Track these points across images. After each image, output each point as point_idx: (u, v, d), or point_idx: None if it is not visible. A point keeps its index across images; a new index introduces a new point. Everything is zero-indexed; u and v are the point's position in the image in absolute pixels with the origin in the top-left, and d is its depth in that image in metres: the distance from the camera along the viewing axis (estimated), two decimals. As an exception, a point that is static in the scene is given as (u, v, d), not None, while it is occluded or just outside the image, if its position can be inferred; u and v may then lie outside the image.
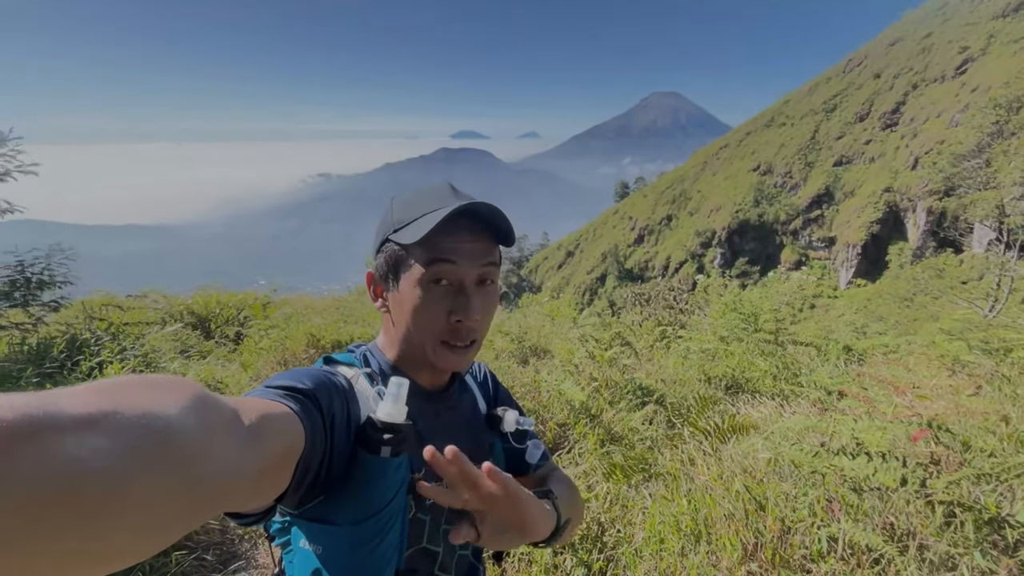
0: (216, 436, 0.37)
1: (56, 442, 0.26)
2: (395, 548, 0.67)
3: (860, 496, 1.70)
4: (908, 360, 4.27)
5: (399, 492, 0.67)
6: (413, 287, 0.72)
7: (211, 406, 0.38)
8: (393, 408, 0.64)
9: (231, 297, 7.61)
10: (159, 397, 0.34)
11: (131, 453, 0.29)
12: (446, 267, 0.72)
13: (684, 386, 4.23)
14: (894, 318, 16.65)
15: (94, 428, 0.28)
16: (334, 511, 0.64)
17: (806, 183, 48.69)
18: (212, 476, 0.35)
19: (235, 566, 2.42)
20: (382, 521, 0.65)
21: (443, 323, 0.73)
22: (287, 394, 0.57)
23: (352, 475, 0.64)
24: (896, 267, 35.41)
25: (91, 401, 0.30)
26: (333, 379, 0.67)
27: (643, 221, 59.60)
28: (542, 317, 8.20)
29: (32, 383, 3.09)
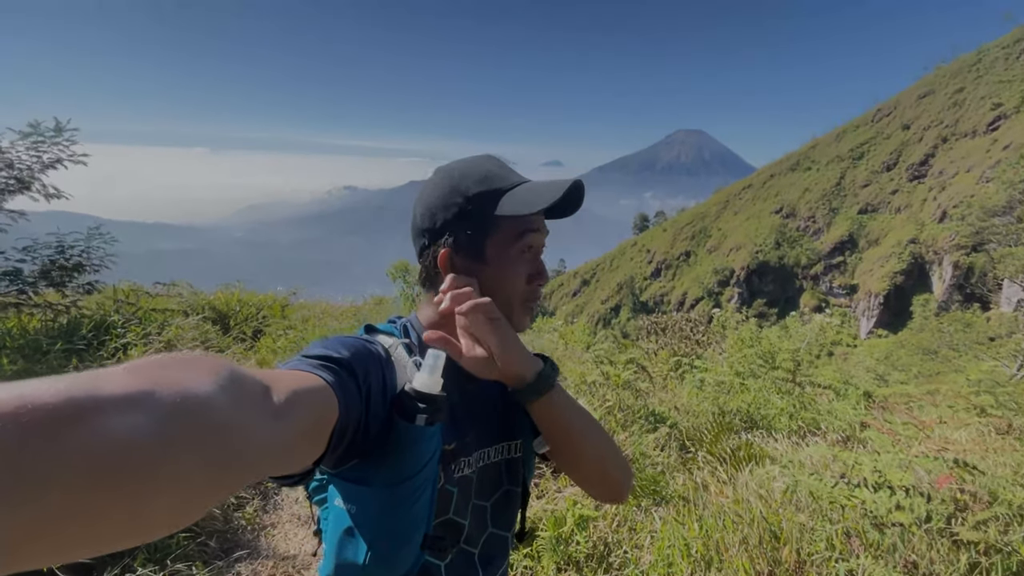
0: (248, 412, 0.39)
1: (99, 423, 0.28)
2: (424, 514, 0.68)
3: (881, 532, 1.65)
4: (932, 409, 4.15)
5: (431, 460, 0.68)
6: (505, 259, 0.76)
7: (243, 383, 0.40)
8: (429, 379, 0.66)
9: (251, 297, 7.74)
10: (193, 375, 0.35)
11: (169, 430, 0.31)
12: (535, 236, 0.77)
13: (698, 416, 4.16)
14: (916, 369, 16.14)
15: (134, 407, 0.30)
16: (369, 473, 0.66)
17: (829, 229, 48.18)
18: (246, 450, 0.37)
19: (237, 555, 2.41)
20: (414, 486, 0.66)
21: (524, 286, 0.78)
22: (322, 364, 0.59)
23: (388, 441, 0.66)
24: (920, 319, 34.53)
25: (129, 382, 0.31)
26: (371, 347, 0.69)
27: (661, 255, 59.38)
28: (555, 340, 8.17)
29: (60, 357, 3.17)
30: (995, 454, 1.75)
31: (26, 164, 4.02)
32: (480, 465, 0.81)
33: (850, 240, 45.76)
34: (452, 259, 0.77)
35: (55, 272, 3.99)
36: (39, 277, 3.99)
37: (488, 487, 0.82)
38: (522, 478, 0.91)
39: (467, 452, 0.78)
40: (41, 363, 3.04)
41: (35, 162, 4.04)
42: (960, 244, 33.91)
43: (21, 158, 4.02)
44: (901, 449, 1.76)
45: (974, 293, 31.72)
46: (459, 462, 0.77)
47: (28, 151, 4.03)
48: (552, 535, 2.29)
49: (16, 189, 4.04)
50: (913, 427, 1.90)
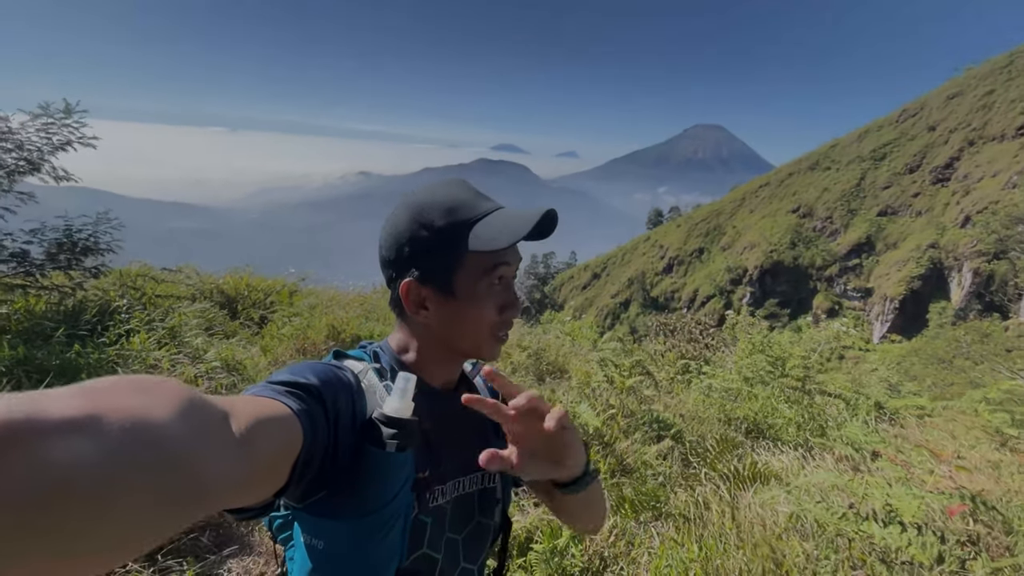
0: (205, 440, 0.37)
1: (39, 447, 0.26)
2: (397, 545, 0.66)
3: (890, 569, 1.58)
4: (947, 426, 4.03)
5: (403, 488, 0.66)
6: (473, 294, 0.74)
7: (200, 410, 0.38)
8: (400, 403, 0.64)
9: (260, 282, 7.76)
10: (147, 401, 0.33)
11: (116, 457, 0.29)
12: (505, 268, 0.75)
13: (703, 424, 4.08)
14: (930, 379, 15.84)
15: (79, 432, 0.28)
16: (338, 505, 0.64)
17: (846, 230, 47.34)
18: (201, 480, 0.35)
19: (229, 550, 2.40)
20: (385, 516, 0.64)
21: (496, 318, 0.76)
22: (287, 391, 0.57)
23: (357, 469, 0.64)
24: (936, 326, 33.90)
25: (76, 404, 0.29)
26: (339, 374, 0.67)
27: (674, 251, 58.84)
28: (562, 336, 8.10)
29: (63, 342, 3.17)
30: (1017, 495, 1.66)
31: (36, 146, 4.01)
32: (455, 495, 0.78)
33: (867, 242, 44.94)
34: (418, 291, 0.75)
35: (62, 255, 3.99)
36: (46, 259, 3.99)
37: (461, 519, 0.79)
38: (500, 509, 0.88)
39: (442, 480, 0.76)
40: (43, 348, 3.04)
41: (45, 144, 4.03)
42: (982, 251, 33.17)
43: (31, 139, 4.01)
44: (914, 484, 1.67)
45: (994, 302, 31.05)
46: (433, 491, 0.74)
47: (38, 132, 4.02)
48: (547, 547, 2.24)
49: (26, 170, 4.04)
50: (928, 457, 1.82)
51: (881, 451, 1.95)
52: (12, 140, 3.99)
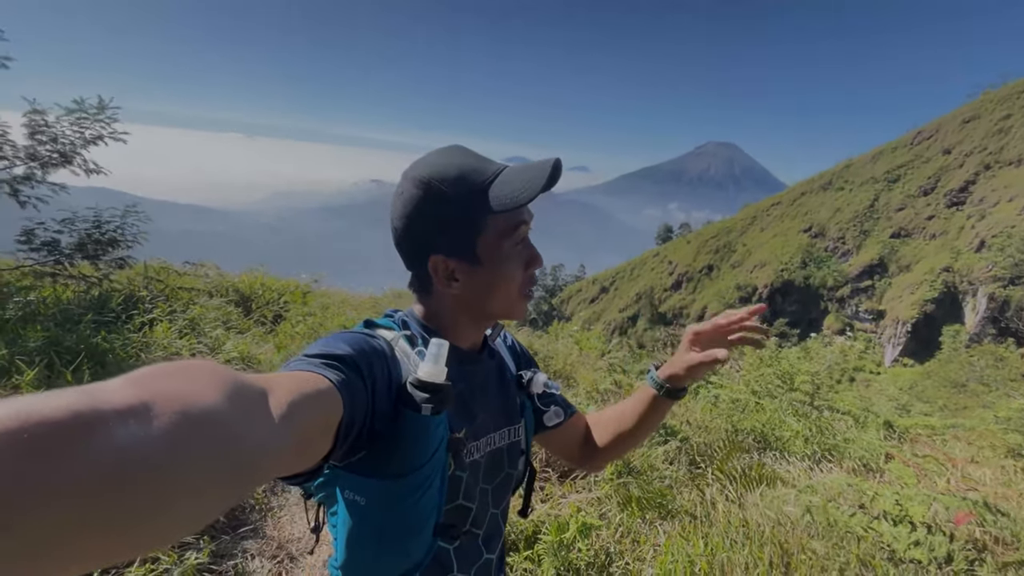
0: (252, 417, 0.39)
1: (103, 433, 0.28)
2: (435, 503, 0.69)
3: (899, 568, 1.59)
4: (957, 444, 4.00)
5: (439, 449, 0.68)
6: (499, 257, 0.75)
7: (245, 389, 0.39)
8: (434, 368, 0.66)
9: (274, 282, 7.89)
10: (194, 384, 0.35)
11: (174, 439, 0.30)
12: (524, 227, 0.77)
13: (710, 433, 4.09)
14: (941, 401, 15.56)
15: (135, 418, 0.29)
16: (378, 465, 0.67)
17: (859, 251, 46.92)
18: (253, 455, 0.37)
19: (243, 531, 2.46)
20: (422, 476, 0.67)
21: (523, 275, 0.78)
22: (325, 363, 0.59)
23: (395, 433, 0.66)
24: (949, 350, 33.33)
25: (130, 393, 0.31)
26: (373, 342, 0.69)
27: (683, 267, 58.61)
28: (570, 345, 8.12)
29: (89, 328, 3.28)
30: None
31: (69, 139, 4.16)
32: (488, 449, 0.83)
33: (880, 264, 44.48)
34: (447, 265, 0.76)
35: (91, 245, 4.12)
36: (75, 249, 4.13)
37: (493, 471, 0.84)
38: (524, 460, 0.94)
39: (476, 437, 0.79)
40: (72, 332, 3.15)
41: (78, 137, 4.19)
42: (997, 275, 32.68)
43: (65, 133, 4.17)
44: (925, 485, 1.69)
45: (1009, 327, 30.52)
46: (469, 448, 0.77)
47: (72, 127, 4.17)
48: (554, 540, 2.27)
49: (59, 163, 4.19)
50: (940, 463, 1.83)
51: (894, 454, 1.97)
52: (47, 133, 4.15)
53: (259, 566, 2.29)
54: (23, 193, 4.10)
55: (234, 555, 2.30)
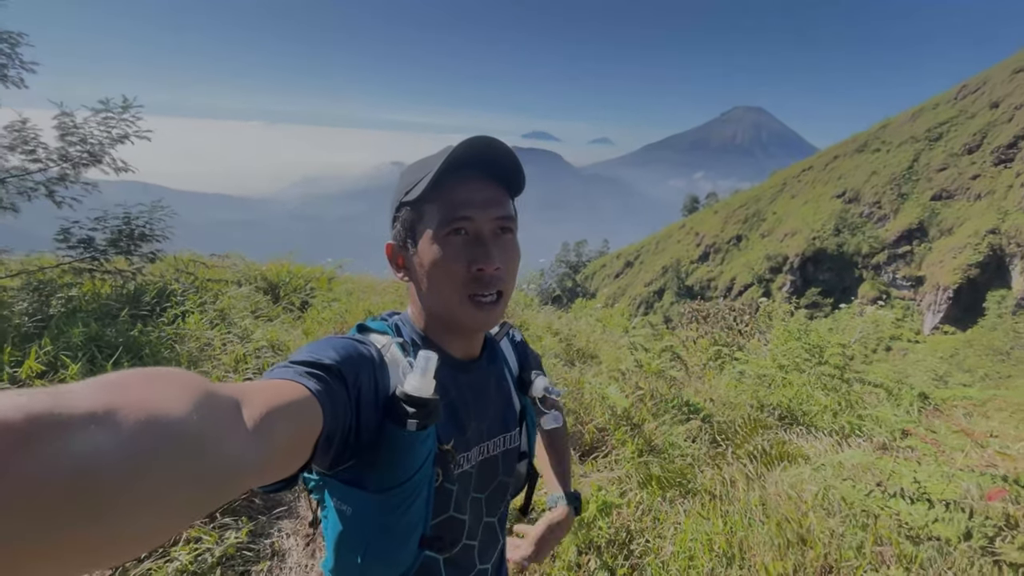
0: (221, 428, 0.37)
1: (60, 439, 0.26)
2: (421, 515, 0.69)
3: (917, 545, 1.58)
4: (997, 415, 3.88)
5: (426, 463, 0.67)
6: (431, 244, 0.72)
7: (215, 399, 0.38)
8: (420, 382, 0.63)
9: (300, 269, 8.09)
10: (162, 392, 0.34)
11: (133, 449, 0.29)
12: (464, 222, 0.71)
13: (735, 409, 4.06)
14: (983, 371, 14.96)
15: (98, 425, 0.28)
16: (364, 477, 0.66)
17: (896, 215, 44.90)
18: (218, 467, 0.35)
19: (279, 511, 2.59)
20: (408, 490, 0.66)
21: (465, 274, 0.72)
22: (308, 372, 0.57)
23: (380, 445, 0.65)
24: (994, 316, 31.91)
25: (94, 398, 0.30)
26: (362, 349, 0.67)
27: (710, 238, 57.29)
28: (593, 323, 8.11)
29: (127, 321, 3.44)
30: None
31: (97, 139, 4.30)
32: (480, 459, 0.81)
33: (920, 228, 42.53)
34: (395, 252, 0.79)
35: (123, 241, 4.29)
36: (109, 245, 4.30)
37: (486, 480, 0.83)
38: (527, 463, 0.95)
39: (467, 447, 0.78)
40: (111, 327, 3.31)
41: (105, 137, 4.33)
42: (1048, 236, 30.90)
43: (93, 133, 4.31)
44: (944, 461, 1.66)
45: (1060, 291, 28.96)
46: (458, 459, 0.76)
47: (99, 127, 4.31)
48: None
49: (89, 162, 4.35)
50: (961, 437, 1.79)
51: (911, 430, 1.93)
52: (77, 135, 4.30)
53: (293, 544, 2.41)
54: (58, 194, 4.28)
55: (270, 534, 2.43)
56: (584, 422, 3.38)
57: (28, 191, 4.27)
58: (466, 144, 0.68)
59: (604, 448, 3.19)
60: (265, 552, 2.32)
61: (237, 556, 2.24)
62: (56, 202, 4.29)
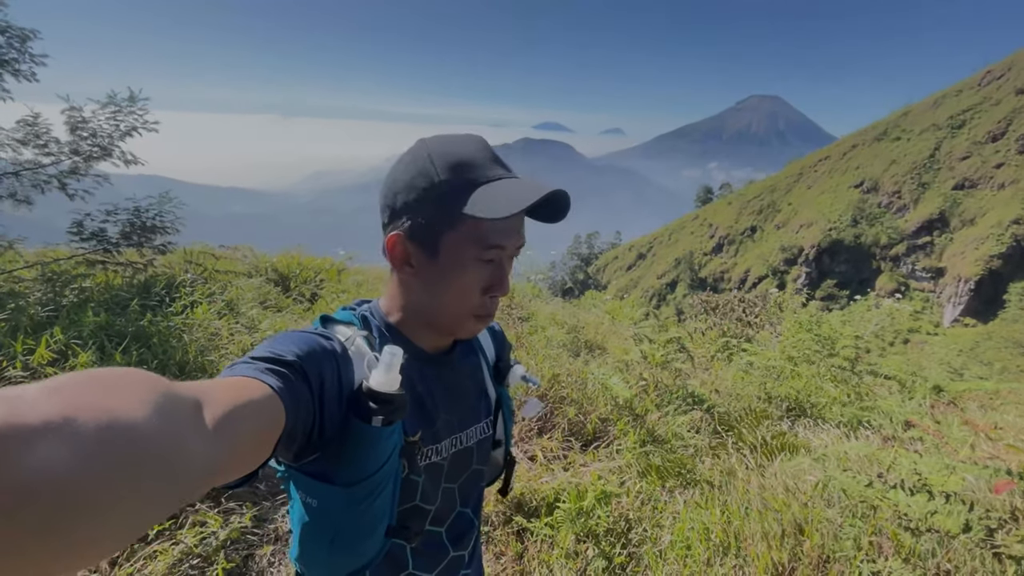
0: (181, 432, 0.36)
1: (17, 451, 0.26)
2: (387, 507, 0.68)
3: (916, 537, 1.55)
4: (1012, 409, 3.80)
5: (391, 457, 0.67)
6: (458, 259, 0.69)
7: (174, 401, 0.37)
8: (385, 377, 0.63)
9: (310, 260, 8.17)
10: (118, 396, 0.33)
11: (92, 457, 0.29)
12: (498, 252, 0.70)
13: (740, 401, 4.02)
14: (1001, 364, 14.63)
15: (54, 434, 0.28)
16: (329, 470, 0.65)
17: (916, 205, 43.88)
18: (179, 472, 0.35)
19: (281, 498, 2.63)
20: (373, 484, 0.66)
21: (479, 298, 0.72)
22: (269, 368, 0.56)
23: (345, 439, 0.64)
24: (1016, 308, 31.15)
25: (50, 406, 0.29)
26: (324, 344, 0.65)
27: (724, 230, 56.59)
28: (602, 314, 8.08)
29: (137, 312, 3.51)
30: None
31: (107, 132, 4.37)
32: (454, 450, 0.81)
33: (940, 219, 41.54)
34: (404, 246, 0.71)
35: (134, 233, 4.37)
36: (121, 237, 4.38)
37: (457, 470, 0.83)
38: (503, 451, 0.95)
39: (436, 440, 0.77)
40: (121, 317, 3.38)
41: (114, 130, 4.39)
42: (1075, 226, 30.01)
43: (102, 126, 4.37)
44: (947, 452, 1.63)
45: (1086, 282, 28.14)
46: (426, 451, 0.76)
47: (107, 120, 4.37)
48: (573, 507, 2.33)
49: (100, 155, 4.42)
50: (967, 430, 1.75)
51: (915, 421, 1.90)
52: (87, 128, 4.37)
53: (296, 529, 2.46)
54: (71, 186, 4.36)
55: (274, 519, 2.47)
56: (587, 412, 3.38)
57: (41, 184, 4.36)
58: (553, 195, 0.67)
59: (606, 438, 3.19)
60: (268, 536, 2.36)
61: (241, 540, 2.29)
62: (68, 195, 4.37)
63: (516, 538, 2.36)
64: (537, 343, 4.79)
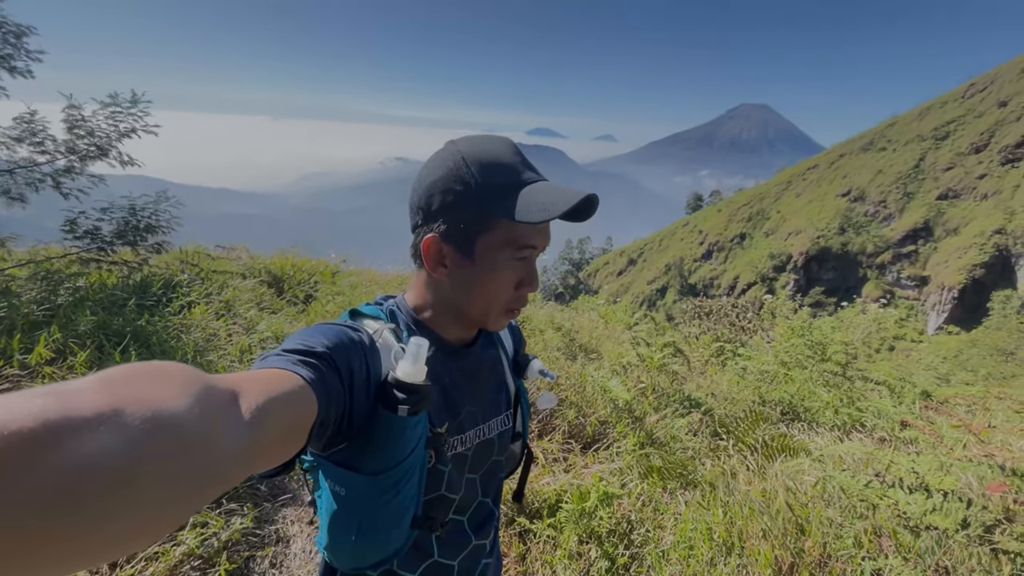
0: (220, 423, 0.38)
1: (72, 443, 0.28)
2: (413, 497, 0.70)
3: (915, 535, 1.59)
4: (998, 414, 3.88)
5: (417, 447, 0.68)
6: (493, 260, 0.72)
7: (213, 393, 0.39)
8: (412, 368, 0.65)
9: (304, 262, 8.12)
10: (162, 389, 0.35)
11: (139, 448, 0.30)
12: (530, 251, 0.74)
13: (736, 404, 4.07)
14: (986, 370, 14.92)
15: (104, 425, 0.29)
16: (357, 459, 0.67)
17: (902, 215, 44.68)
18: (218, 463, 0.36)
19: (283, 498, 2.62)
20: (400, 473, 0.67)
21: (511, 294, 0.75)
22: (301, 360, 0.57)
23: (373, 429, 0.66)
24: (999, 316, 31.75)
25: (99, 399, 0.31)
26: (353, 335, 0.67)
27: (714, 236, 57.14)
28: (596, 318, 8.13)
29: (133, 311, 3.48)
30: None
31: (105, 133, 4.33)
32: (477, 441, 0.83)
33: (925, 228, 42.31)
34: (439, 247, 0.73)
35: (129, 232, 4.33)
36: (116, 236, 4.34)
37: (480, 460, 0.85)
38: (521, 443, 0.97)
39: (461, 431, 0.80)
40: (118, 316, 3.35)
41: (113, 131, 4.35)
42: (1055, 236, 30.73)
43: (101, 126, 4.34)
44: (942, 452, 1.67)
45: (1066, 291, 28.80)
46: (452, 442, 0.78)
47: (107, 120, 4.34)
48: (576, 508, 2.34)
49: (96, 155, 4.38)
50: (960, 430, 1.80)
51: (910, 421, 1.94)
52: (84, 127, 4.33)
53: (298, 531, 2.45)
54: (65, 185, 4.32)
55: (275, 521, 2.46)
56: (586, 414, 3.40)
57: (36, 182, 4.31)
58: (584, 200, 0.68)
59: (606, 440, 3.21)
60: (270, 538, 2.35)
61: (242, 541, 2.28)
62: (63, 193, 4.32)
63: (519, 539, 2.37)
64: (535, 347, 4.81)
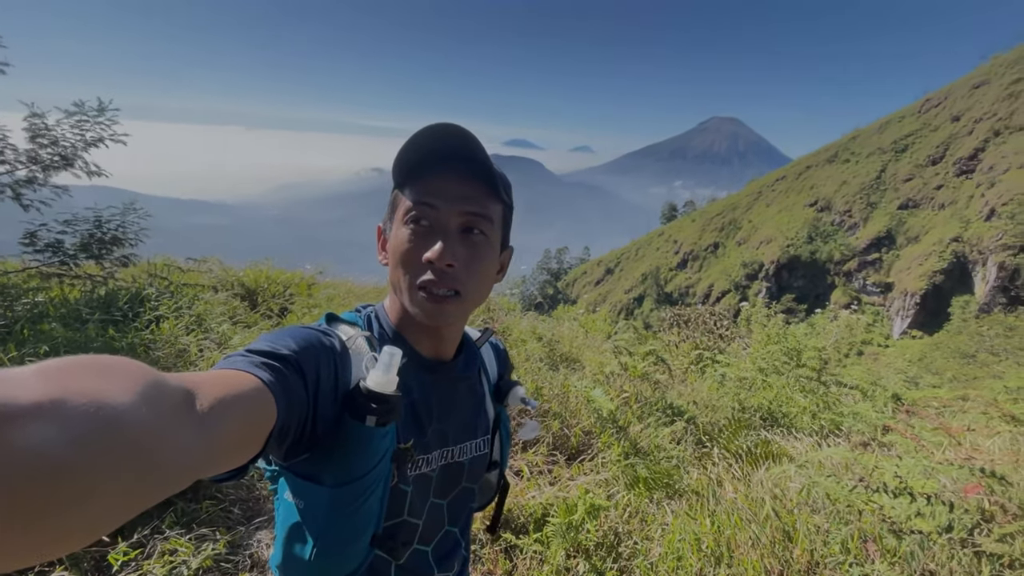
0: (168, 421, 0.36)
1: (8, 433, 0.26)
2: (375, 513, 0.67)
3: (900, 539, 1.61)
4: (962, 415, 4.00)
5: (382, 460, 0.66)
6: (399, 228, 0.72)
7: (163, 390, 0.37)
8: (383, 377, 0.62)
9: (279, 274, 7.92)
10: (108, 382, 0.33)
11: (81, 442, 0.29)
12: (427, 209, 0.70)
13: (717, 412, 4.11)
14: (951, 373, 15.50)
15: (44, 417, 0.28)
16: (319, 471, 0.65)
17: (866, 224, 46.37)
18: (164, 461, 0.34)
19: (258, 521, 2.51)
20: (363, 486, 0.65)
21: (419, 265, 0.70)
22: (264, 363, 0.55)
23: (337, 439, 0.64)
24: (959, 321, 33.11)
25: (41, 389, 0.29)
26: (324, 341, 0.66)
27: (688, 246, 58.28)
28: (576, 328, 8.15)
29: (98, 327, 3.32)
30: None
31: (70, 142, 4.17)
32: (443, 463, 0.79)
33: (888, 236, 44.00)
34: (379, 232, 0.79)
35: (94, 245, 4.15)
36: (79, 249, 4.16)
37: (447, 485, 0.81)
38: (497, 473, 0.93)
39: (427, 450, 0.76)
40: (81, 332, 3.19)
41: (78, 140, 4.19)
42: (1007, 244, 32.30)
43: (66, 135, 4.17)
44: (924, 455, 1.70)
45: (1019, 296, 30.25)
46: (416, 461, 0.74)
47: (72, 129, 4.17)
48: (563, 522, 2.31)
49: (60, 166, 4.20)
50: (940, 433, 1.84)
51: (892, 425, 1.98)
52: (48, 136, 4.16)
53: (275, 554, 2.34)
54: (26, 196, 4.13)
55: (249, 545, 2.35)
56: (570, 425, 3.38)
57: (-7, 193, 4.11)
58: (442, 133, 0.66)
59: (590, 451, 3.19)
60: (244, 563, 2.25)
61: (215, 568, 2.17)
62: (23, 205, 4.13)
63: (504, 556, 2.31)
64: (517, 357, 4.77)
